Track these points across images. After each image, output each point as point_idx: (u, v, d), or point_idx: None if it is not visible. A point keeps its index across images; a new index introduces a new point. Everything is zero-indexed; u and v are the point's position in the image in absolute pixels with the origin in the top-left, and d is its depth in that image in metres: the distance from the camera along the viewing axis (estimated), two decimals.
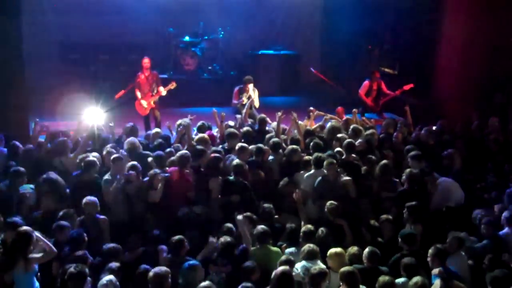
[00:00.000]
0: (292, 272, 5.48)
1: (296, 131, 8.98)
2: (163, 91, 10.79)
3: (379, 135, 9.24)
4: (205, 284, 5.24)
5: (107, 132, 8.99)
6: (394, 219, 6.89)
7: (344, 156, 8.13)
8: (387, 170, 7.79)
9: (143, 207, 7.14)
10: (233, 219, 6.61)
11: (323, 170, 7.51)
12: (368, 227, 6.93)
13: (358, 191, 7.52)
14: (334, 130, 9.02)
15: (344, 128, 9.26)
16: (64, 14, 13.88)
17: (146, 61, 10.88)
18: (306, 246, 5.97)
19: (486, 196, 7.82)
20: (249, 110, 10.23)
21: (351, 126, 9.11)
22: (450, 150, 8.38)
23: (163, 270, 5.34)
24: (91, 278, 5.41)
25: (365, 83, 12.00)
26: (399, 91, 11.77)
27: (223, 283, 5.81)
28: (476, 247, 6.53)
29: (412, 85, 11.66)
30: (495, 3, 11.64)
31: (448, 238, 6.18)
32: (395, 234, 6.49)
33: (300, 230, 6.42)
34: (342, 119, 10.00)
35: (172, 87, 10.82)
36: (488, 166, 8.72)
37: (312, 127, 9.60)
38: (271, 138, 8.47)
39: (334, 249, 5.96)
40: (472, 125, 10.11)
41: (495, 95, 11.69)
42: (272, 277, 5.26)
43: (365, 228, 6.91)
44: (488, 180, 8.30)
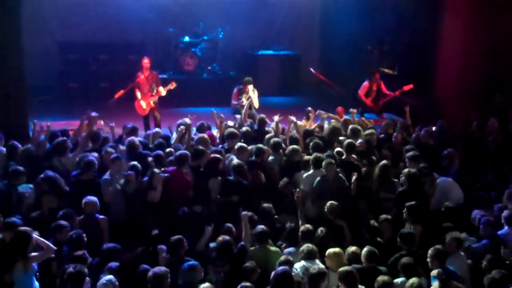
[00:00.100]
0: (292, 272, 5.48)
1: (295, 131, 8.98)
2: (163, 91, 10.78)
3: (378, 136, 9.24)
4: (204, 285, 5.25)
5: (107, 131, 8.99)
6: (394, 219, 6.88)
7: (344, 156, 8.13)
8: (387, 170, 7.78)
9: (142, 207, 7.14)
10: (232, 219, 6.61)
11: (322, 170, 7.51)
12: (368, 227, 6.94)
13: (358, 191, 7.52)
14: (335, 130, 9.02)
15: (343, 129, 9.26)
16: (64, 14, 13.90)
17: (146, 61, 10.87)
18: (305, 246, 5.97)
19: (485, 196, 7.82)
20: (248, 110, 10.24)
21: (349, 127, 9.12)
22: (449, 149, 8.38)
23: (163, 270, 5.35)
24: (90, 278, 5.41)
25: (364, 83, 11.99)
26: (398, 91, 11.75)
27: (222, 282, 5.81)
28: (475, 247, 6.54)
29: (411, 85, 11.65)
30: (494, 4, 11.64)
31: (447, 239, 6.18)
32: (394, 234, 6.48)
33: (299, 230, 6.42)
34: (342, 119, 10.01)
35: (172, 87, 10.82)
36: (487, 166, 8.73)
37: (311, 127, 9.60)
38: (271, 138, 8.46)
39: (332, 249, 5.97)
40: (472, 125, 10.11)
41: (494, 95, 11.69)
42: (272, 277, 5.27)
43: (364, 228, 6.91)
44: (487, 180, 8.32)
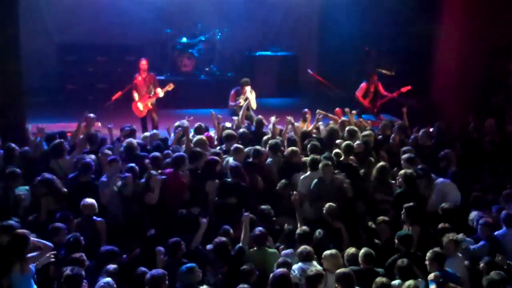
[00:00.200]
0: (290, 274, 5.48)
1: (292, 133, 8.97)
2: (161, 93, 10.78)
3: (376, 137, 9.24)
4: None
5: (105, 133, 8.98)
6: (391, 221, 6.89)
7: (343, 158, 8.13)
8: (384, 172, 7.77)
9: (139, 209, 7.12)
10: (229, 221, 6.61)
11: (319, 171, 7.51)
12: (365, 229, 6.94)
13: (355, 193, 7.52)
14: (333, 132, 9.00)
15: (340, 130, 9.25)
16: (62, 15, 13.89)
17: (143, 62, 10.87)
18: (302, 247, 5.97)
19: (483, 197, 7.82)
20: (246, 112, 10.23)
21: (346, 128, 9.11)
22: (447, 150, 8.38)
23: (160, 272, 5.35)
24: (88, 281, 5.40)
25: (362, 85, 11.99)
26: (396, 93, 11.77)
27: (220, 284, 5.81)
28: (474, 248, 6.55)
29: (409, 87, 11.66)
30: (492, 5, 11.66)
31: (444, 241, 6.18)
32: (392, 236, 6.48)
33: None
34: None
35: (169, 89, 10.82)
36: (484, 167, 8.73)
37: (308, 128, 9.61)
38: (269, 140, 8.45)
39: (329, 250, 5.97)
40: (469, 126, 10.12)
41: (492, 96, 11.71)
42: (270, 279, 5.28)
43: (362, 230, 6.91)
44: (485, 181, 8.32)
